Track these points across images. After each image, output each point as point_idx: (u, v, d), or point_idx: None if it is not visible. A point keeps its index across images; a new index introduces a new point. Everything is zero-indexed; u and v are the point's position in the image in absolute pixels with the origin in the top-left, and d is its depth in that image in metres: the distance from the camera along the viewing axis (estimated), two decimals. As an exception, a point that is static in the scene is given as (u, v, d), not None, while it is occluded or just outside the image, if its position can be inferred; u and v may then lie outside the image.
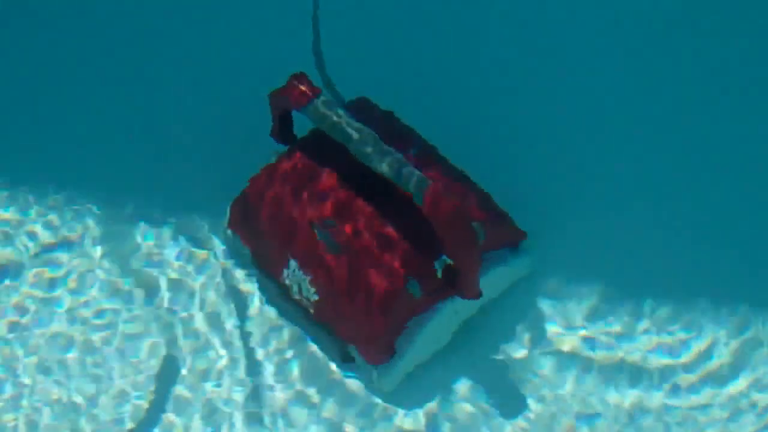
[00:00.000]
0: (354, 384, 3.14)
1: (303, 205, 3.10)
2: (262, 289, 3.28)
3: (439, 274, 2.99)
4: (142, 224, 3.41)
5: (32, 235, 3.41)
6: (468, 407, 3.10)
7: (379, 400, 3.11)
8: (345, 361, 3.15)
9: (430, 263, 3.00)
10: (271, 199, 3.15)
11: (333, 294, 3.06)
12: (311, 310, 3.13)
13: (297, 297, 3.15)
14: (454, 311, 3.08)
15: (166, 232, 3.39)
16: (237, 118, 3.49)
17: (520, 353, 3.15)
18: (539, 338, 3.17)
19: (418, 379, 3.12)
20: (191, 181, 3.44)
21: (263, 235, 3.20)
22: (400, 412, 3.10)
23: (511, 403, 3.10)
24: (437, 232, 2.93)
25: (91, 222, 3.42)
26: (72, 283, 3.33)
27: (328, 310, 3.10)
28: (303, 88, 3.08)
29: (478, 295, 3.02)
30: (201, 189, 3.41)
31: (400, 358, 3.06)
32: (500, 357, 3.15)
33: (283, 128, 3.25)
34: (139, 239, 3.39)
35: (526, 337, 3.17)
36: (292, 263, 3.11)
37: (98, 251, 3.37)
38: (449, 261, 2.99)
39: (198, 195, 3.42)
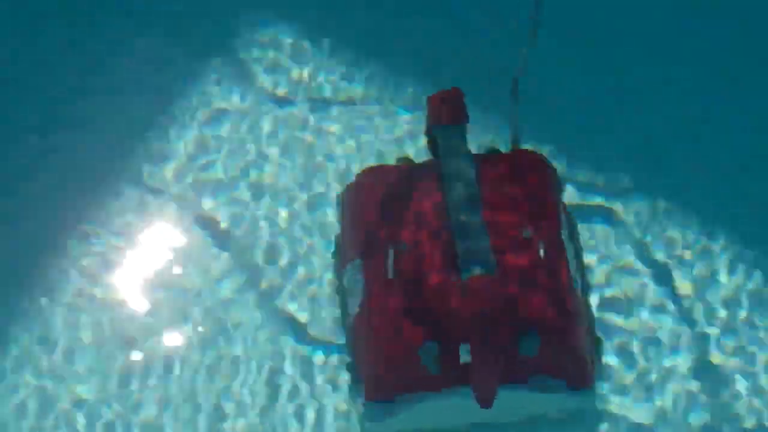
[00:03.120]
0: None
1: (396, 216, 3.03)
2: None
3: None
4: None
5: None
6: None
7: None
8: (353, 383, 3.12)
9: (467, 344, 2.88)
10: (373, 196, 3.11)
11: (368, 317, 3.01)
12: (349, 318, 3.10)
13: (348, 300, 3.11)
14: (463, 407, 2.96)
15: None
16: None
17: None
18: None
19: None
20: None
21: (351, 222, 3.16)
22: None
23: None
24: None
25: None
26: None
27: (358, 329, 3.05)
28: (442, 107, 2.98)
29: (487, 403, 2.92)
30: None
31: (392, 409, 2.98)
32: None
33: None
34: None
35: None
36: (357, 262, 3.07)
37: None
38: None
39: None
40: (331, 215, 3.41)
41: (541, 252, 2.97)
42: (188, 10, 3.78)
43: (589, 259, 3.28)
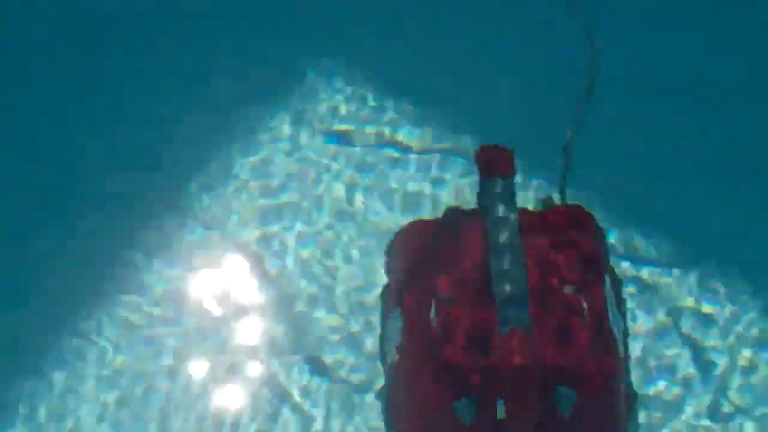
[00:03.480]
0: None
1: (439, 267, 3.05)
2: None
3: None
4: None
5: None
6: None
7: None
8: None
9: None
10: (417, 247, 3.15)
11: (402, 372, 3.04)
12: (387, 366, 3.14)
13: (387, 349, 3.15)
14: None
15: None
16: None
17: None
18: None
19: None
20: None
21: (396, 272, 3.21)
22: None
23: None
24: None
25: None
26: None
27: (394, 378, 3.09)
28: (490, 160, 2.98)
29: None
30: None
31: None
32: None
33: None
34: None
35: None
36: (398, 311, 3.10)
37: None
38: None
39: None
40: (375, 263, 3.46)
41: (585, 310, 2.98)
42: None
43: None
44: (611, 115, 3.68)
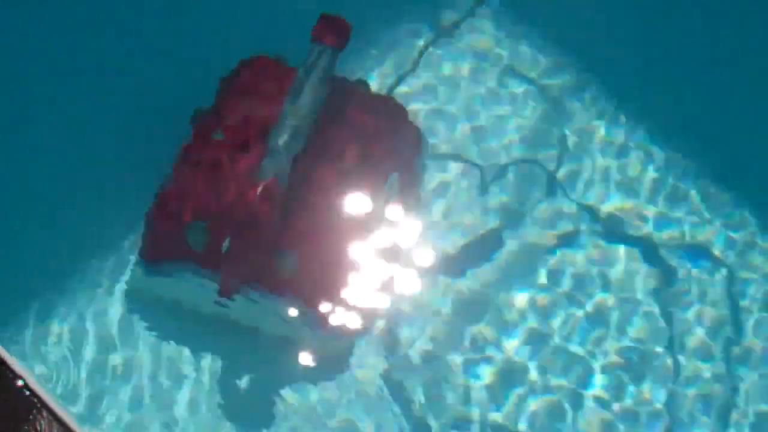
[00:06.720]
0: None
1: (241, 106, 3.21)
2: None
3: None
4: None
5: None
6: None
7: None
8: None
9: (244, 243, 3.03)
10: (249, 81, 3.35)
11: (162, 186, 3.24)
12: None
13: None
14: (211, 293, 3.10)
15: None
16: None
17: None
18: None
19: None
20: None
21: (226, 89, 3.40)
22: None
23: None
24: None
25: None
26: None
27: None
28: (325, 28, 3.17)
29: (225, 293, 3.05)
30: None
31: (156, 272, 3.15)
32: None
33: None
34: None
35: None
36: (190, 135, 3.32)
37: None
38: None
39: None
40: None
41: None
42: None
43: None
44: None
